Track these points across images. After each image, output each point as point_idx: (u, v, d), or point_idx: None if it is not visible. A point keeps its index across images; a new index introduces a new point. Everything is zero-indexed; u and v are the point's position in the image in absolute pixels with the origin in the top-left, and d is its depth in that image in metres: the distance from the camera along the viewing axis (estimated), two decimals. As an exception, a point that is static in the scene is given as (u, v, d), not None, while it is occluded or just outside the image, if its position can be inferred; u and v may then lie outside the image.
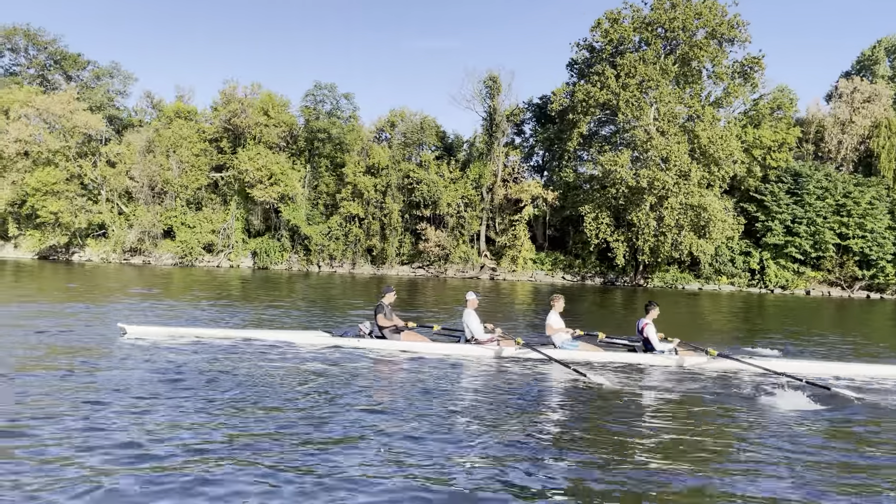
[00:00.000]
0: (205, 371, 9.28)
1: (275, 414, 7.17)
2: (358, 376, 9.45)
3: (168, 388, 8.21)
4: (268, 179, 47.54)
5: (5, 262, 44.67)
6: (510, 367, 10.59)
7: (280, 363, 10.10)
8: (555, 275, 48.75)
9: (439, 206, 47.44)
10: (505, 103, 49.15)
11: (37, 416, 6.71)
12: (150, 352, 10.65)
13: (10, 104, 49.76)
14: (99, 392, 7.83)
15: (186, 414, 7.03)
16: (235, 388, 8.28)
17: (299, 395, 8.10)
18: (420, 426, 6.90)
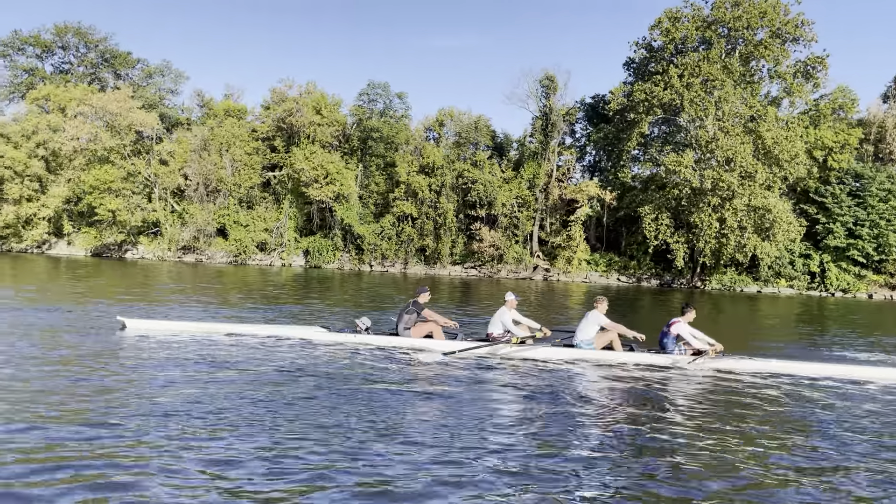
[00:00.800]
0: (196, 364, 9.31)
1: (262, 407, 7.16)
2: (349, 373, 9.36)
3: (158, 381, 8.22)
4: (323, 178, 47.46)
5: (59, 259, 45.01)
6: (514, 365, 10.51)
7: (272, 358, 10.11)
8: (609, 276, 48.31)
9: (494, 207, 47.15)
10: (559, 103, 48.66)
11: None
12: (150, 345, 10.75)
13: (66, 102, 50.09)
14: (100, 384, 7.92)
15: (172, 407, 7.01)
16: (221, 383, 8.28)
17: (284, 390, 8.09)
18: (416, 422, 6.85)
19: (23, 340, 10.85)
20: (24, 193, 48.28)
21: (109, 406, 6.98)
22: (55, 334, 11.61)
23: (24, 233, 50.14)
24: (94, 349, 10.31)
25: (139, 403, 7.14)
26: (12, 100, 59.77)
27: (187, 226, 49.96)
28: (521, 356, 11.16)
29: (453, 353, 10.84)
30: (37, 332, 11.73)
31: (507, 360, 11.00)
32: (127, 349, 10.53)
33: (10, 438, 5.80)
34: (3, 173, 47.41)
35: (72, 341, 10.93)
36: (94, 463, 5.32)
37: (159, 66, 58.96)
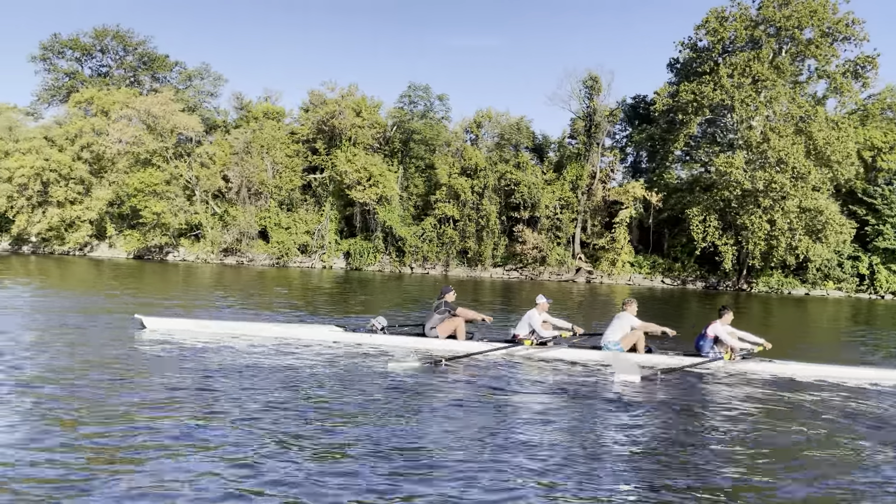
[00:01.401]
0: (212, 363, 9.42)
1: (278, 407, 7.18)
2: (358, 373, 9.43)
3: (175, 381, 8.29)
4: (366, 181, 47.39)
5: (102, 262, 45.23)
6: (535, 367, 10.53)
7: (288, 357, 10.20)
8: (654, 278, 47.90)
9: (538, 209, 46.89)
10: (603, 104, 48.31)
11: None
12: (168, 344, 10.89)
13: (109, 105, 50.37)
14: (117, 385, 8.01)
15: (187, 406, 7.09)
16: (237, 380, 8.39)
17: (300, 387, 8.19)
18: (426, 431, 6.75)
19: (51, 339, 11.22)
20: (69, 196, 48.53)
21: (116, 407, 7.01)
22: (82, 334, 11.81)
23: (66, 235, 50.41)
24: (108, 348, 10.49)
25: (147, 400, 7.27)
26: (51, 103, 60.28)
27: (229, 228, 50.05)
28: (539, 357, 11.16)
29: (463, 356, 10.66)
30: (63, 331, 12.03)
31: (528, 360, 11.05)
32: (142, 348, 10.69)
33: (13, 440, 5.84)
34: (49, 176, 47.68)
35: (89, 340, 11.15)
36: (102, 465, 5.37)
37: (198, 68, 59.24)
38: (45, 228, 48.60)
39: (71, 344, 10.69)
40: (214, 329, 12.34)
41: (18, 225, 48.24)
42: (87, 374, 8.45)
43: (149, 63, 59.36)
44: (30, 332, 12.05)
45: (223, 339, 11.58)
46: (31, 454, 5.50)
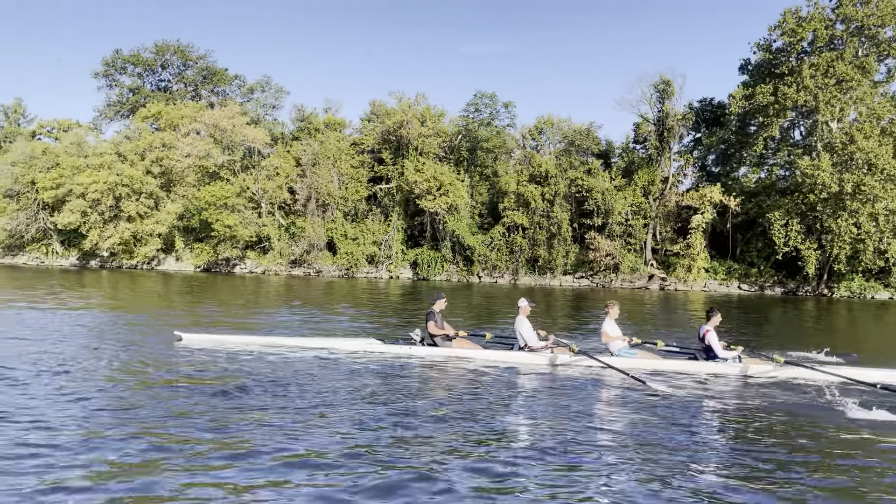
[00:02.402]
0: (253, 378, 9.49)
1: (322, 420, 7.25)
2: (410, 383, 9.60)
3: (211, 395, 8.38)
4: (437, 190, 47.11)
5: (172, 275, 45.47)
6: (565, 374, 10.60)
7: (330, 370, 10.25)
8: (730, 284, 46.93)
9: (611, 215, 46.23)
10: (676, 107, 47.57)
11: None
12: (205, 358, 11.00)
13: (178, 120, 50.73)
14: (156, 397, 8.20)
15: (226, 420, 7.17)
16: (284, 395, 8.44)
17: (346, 401, 8.23)
18: (472, 432, 6.97)
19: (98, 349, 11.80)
20: (140, 210, 48.88)
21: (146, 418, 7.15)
22: (130, 345, 12.25)
23: (135, 249, 50.79)
24: (146, 361, 10.76)
25: (175, 412, 7.37)
26: (113, 119, 60.97)
27: (298, 240, 50.07)
28: (585, 364, 11.14)
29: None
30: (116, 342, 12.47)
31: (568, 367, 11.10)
32: (178, 361, 10.85)
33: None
34: (121, 191, 48.07)
35: (127, 355, 11.33)
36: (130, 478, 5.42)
37: (259, 81, 59.55)
38: (116, 243, 48.93)
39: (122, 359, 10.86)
40: (248, 343, 12.38)
41: (91, 240, 48.61)
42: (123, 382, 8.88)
43: (209, 77, 59.77)
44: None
45: (260, 354, 11.58)
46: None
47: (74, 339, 12.92)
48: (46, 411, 7.29)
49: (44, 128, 62.11)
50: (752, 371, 10.66)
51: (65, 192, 48.38)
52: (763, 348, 13.36)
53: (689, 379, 10.41)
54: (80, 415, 7.23)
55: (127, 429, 6.69)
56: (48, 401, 7.81)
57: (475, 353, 11.59)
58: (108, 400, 8.00)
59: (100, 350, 11.80)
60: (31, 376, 9.17)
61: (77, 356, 11.02)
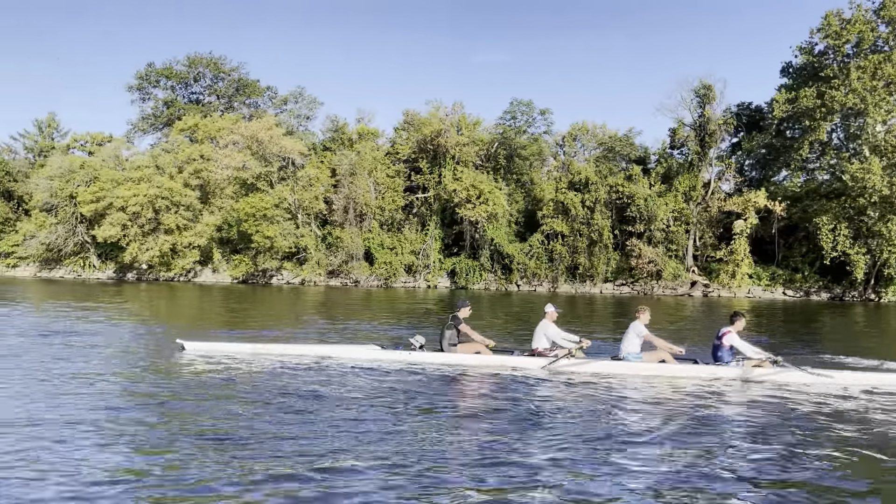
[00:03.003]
0: (255, 386, 9.60)
1: (320, 427, 7.30)
2: (411, 390, 9.58)
3: (213, 402, 8.48)
4: (476, 198, 46.87)
5: (211, 288, 45.44)
6: (566, 379, 10.56)
7: (331, 377, 10.31)
8: (774, 290, 46.30)
9: (654, 222, 45.78)
10: (717, 112, 47.11)
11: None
12: (208, 367, 11.06)
13: (215, 132, 50.86)
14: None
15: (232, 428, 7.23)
16: (283, 403, 8.48)
17: (344, 408, 8.29)
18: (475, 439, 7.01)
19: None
20: (179, 223, 48.94)
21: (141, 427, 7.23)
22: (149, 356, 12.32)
23: (172, 261, 50.77)
24: (149, 370, 10.95)
25: (177, 424, 7.39)
26: (147, 132, 61.29)
27: (336, 250, 49.97)
28: (572, 370, 11.08)
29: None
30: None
31: (559, 373, 11.00)
32: (180, 370, 10.93)
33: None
34: (161, 204, 48.17)
35: (129, 365, 11.51)
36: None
37: (293, 92, 59.68)
38: (155, 255, 48.97)
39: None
40: (250, 351, 12.44)
41: (131, 253, 48.70)
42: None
43: (241, 89, 60.00)
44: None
45: (261, 362, 11.67)
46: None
47: (153, 355, 12.76)
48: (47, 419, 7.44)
49: (77, 141, 62.52)
50: (754, 374, 10.61)
51: (105, 205, 48.51)
52: (817, 356, 13.29)
53: (681, 381, 10.51)
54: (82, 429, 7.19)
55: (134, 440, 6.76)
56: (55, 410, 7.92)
57: (474, 358, 11.51)
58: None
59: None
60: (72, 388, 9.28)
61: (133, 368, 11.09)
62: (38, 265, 56.97)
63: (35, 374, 10.28)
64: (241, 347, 12.64)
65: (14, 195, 59.24)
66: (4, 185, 58.66)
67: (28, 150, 62.93)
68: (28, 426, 7.15)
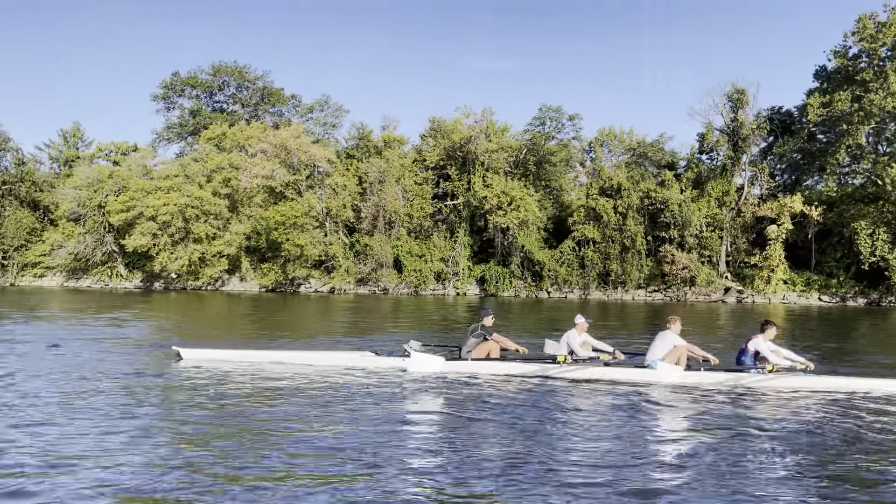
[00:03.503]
0: (250, 392, 9.54)
1: (308, 434, 7.21)
2: (402, 397, 9.51)
3: (209, 410, 8.41)
4: (507, 205, 46.61)
5: (241, 297, 45.21)
6: (589, 387, 10.47)
7: (327, 384, 10.21)
8: (809, 296, 45.82)
9: (687, 228, 45.40)
10: (750, 116, 46.76)
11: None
12: (203, 375, 10.91)
13: (244, 140, 50.77)
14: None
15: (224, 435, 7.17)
16: (278, 409, 8.44)
17: (333, 414, 8.23)
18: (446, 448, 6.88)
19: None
20: (209, 232, 48.77)
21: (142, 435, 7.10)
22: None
23: (200, 270, 50.53)
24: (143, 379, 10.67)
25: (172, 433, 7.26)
26: (172, 140, 61.31)
27: (365, 258, 49.77)
28: (572, 376, 10.99)
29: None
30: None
31: (566, 380, 10.93)
32: (177, 378, 10.77)
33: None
34: (190, 213, 48.04)
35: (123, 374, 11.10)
36: None
37: (318, 100, 59.61)
38: (184, 264, 48.80)
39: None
40: (245, 358, 12.31)
41: (160, 262, 48.56)
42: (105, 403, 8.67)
43: (267, 97, 59.97)
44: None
45: (255, 368, 11.56)
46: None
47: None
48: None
49: (102, 151, 62.60)
50: (779, 382, 10.30)
51: (134, 214, 48.43)
52: (858, 364, 13.03)
53: (701, 390, 10.31)
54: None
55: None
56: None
57: (477, 366, 11.36)
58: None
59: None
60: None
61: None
62: (64, 275, 56.94)
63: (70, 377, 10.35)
64: (236, 354, 12.52)
65: (40, 205, 59.27)
66: (31, 195, 58.68)
67: (53, 161, 63.00)
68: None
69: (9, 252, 56.50)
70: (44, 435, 7.00)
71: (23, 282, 57.58)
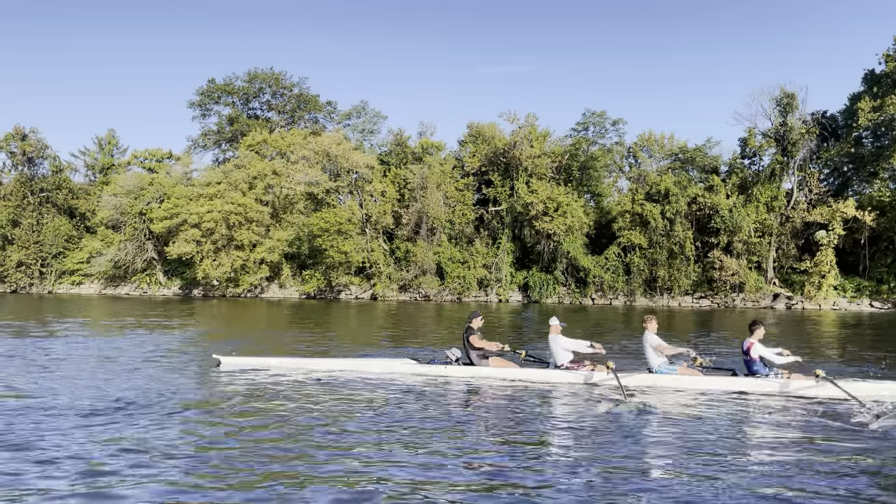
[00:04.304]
0: (292, 401, 9.48)
1: (356, 441, 7.24)
2: (448, 403, 9.62)
3: (250, 417, 8.43)
4: (554, 211, 46.27)
5: (283, 303, 44.95)
6: (598, 394, 10.46)
7: (368, 391, 10.23)
8: (860, 302, 45.24)
9: (738, 233, 44.92)
10: (798, 121, 46.31)
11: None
12: (243, 382, 10.96)
13: (285, 147, 50.65)
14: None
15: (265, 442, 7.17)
16: (322, 417, 8.40)
17: (384, 422, 8.19)
18: (506, 453, 6.91)
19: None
20: (252, 239, 48.59)
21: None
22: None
23: (241, 277, 50.34)
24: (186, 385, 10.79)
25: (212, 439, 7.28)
26: (209, 147, 61.24)
27: (407, 264, 49.50)
28: (605, 384, 10.84)
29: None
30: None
31: (593, 386, 10.89)
32: (218, 385, 10.81)
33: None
34: (234, 220, 47.88)
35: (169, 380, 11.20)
36: None
37: (356, 107, 59.44)
38: (227, 271, 48.59)
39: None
40: (285, 366, 12.30)
41: (204, 269, 48.35)
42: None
43: (303, 104, 59.87)
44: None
45: (295, 376, 11.51)
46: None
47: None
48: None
49: (137, 158, 62.65)
50: (793, 387, 10.29)
51: (178, 222, 48.33)
52: None
53: (724, 396, 10.23)
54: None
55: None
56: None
57: (510, 372, 11.50)
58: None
59: None
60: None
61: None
62: (102, 282, 56.93)
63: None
64: (276, 362, 12.53)
65: (76, 212, 59.34)
66: (68, 203, 58.76)
67: (89, 168, 63.05)
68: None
69: (47, 259, 56.56)
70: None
71: (60, 289, 57.63)
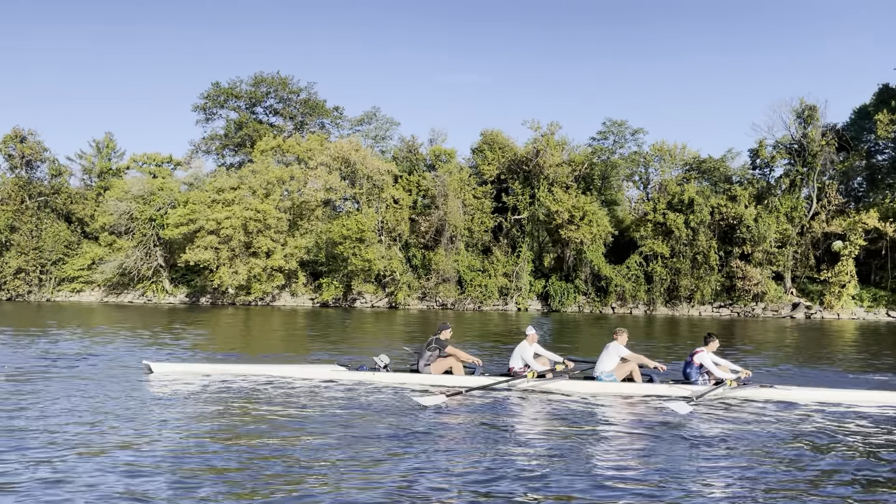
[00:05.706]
0: (218, 407, 9.57)
1: (278, 448, 7.38)
2: (363, 412, 9.50)
3: (177, 423, 8.52)
4: (580, 219, 46.06)
5: (297, 312, 43.87)
6: (522, 398, 10.74)
7: (294, 398, 10.34)
8: (877, 311, 45.97)
9: (761, 243, 45.27)
10: (818, 133, 46.94)
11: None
12: (173, 389, 11.00)
13: (302, 153, 49.57)
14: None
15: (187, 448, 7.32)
16: (244, 424, 8.52)
17: (303, 428, 8.34)
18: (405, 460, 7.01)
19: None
20: (270, 246, 47.28)
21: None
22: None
23: (254, 286, 48.87)
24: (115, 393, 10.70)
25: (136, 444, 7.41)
26: (213, 152, 59.74)
27: (426, 272, 48.80)
28: (540, 389, 11.22)
29: (471, 389, 10.76)
30: None
31: (529, 393, 11.15)
32: (147, 392, 10.83)
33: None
34: (253, 226, 46.56)
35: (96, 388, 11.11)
36: None
37: (368, 112, 58.62)
38: (244, 279, 47.16)
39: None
40: (215, 372, 12.47)
41: (220, 277, 46.82)
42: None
43: (311, 110, 58.79)
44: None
45: (225, 382, 11.65)
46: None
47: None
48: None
49: (136, 162, 60.71)
50: (710, 395, 10.66)
51: (193, 228, 46.78)
52: None
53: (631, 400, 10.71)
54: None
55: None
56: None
57: (442, 378, 11.50)
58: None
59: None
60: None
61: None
62: (104, 290, 54.94)
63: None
64: (206, 368, 12.67)
65: (73, 217, 57.18)
66: (67, 208, 56.62)
67: (86, 172, 60.92)
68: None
69: (46, 266, 54.36)
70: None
71: (59, 297, 55.42)
